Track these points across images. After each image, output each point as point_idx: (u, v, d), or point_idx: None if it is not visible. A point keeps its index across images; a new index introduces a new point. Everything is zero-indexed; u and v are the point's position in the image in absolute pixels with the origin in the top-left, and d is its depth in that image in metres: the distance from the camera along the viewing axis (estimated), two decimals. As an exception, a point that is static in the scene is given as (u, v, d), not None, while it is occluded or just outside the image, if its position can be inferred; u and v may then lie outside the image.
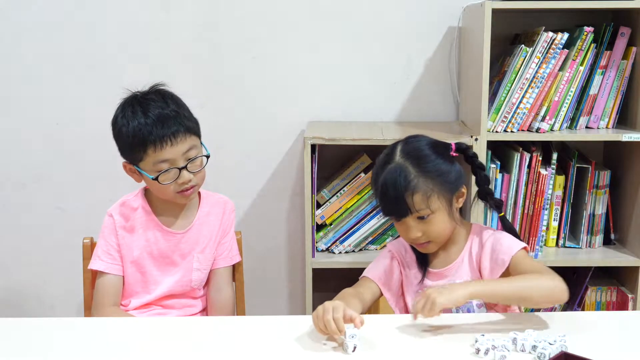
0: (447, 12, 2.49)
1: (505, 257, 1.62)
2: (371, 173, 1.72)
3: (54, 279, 2.69)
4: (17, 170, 2.62)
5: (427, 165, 1.61)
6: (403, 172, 1.59)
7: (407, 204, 1.58)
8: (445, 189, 1.62)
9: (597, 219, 2.34)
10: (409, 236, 1.64)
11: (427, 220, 1.61)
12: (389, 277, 1.74)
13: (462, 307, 1.64)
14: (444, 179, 1.62)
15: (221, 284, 1.93)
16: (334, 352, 1.40)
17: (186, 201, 1.85)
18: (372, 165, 2.36)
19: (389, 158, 1.64)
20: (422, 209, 1.59)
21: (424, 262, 1.72)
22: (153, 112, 1.75)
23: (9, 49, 2.54)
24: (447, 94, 2.57)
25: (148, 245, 1.86)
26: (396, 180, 1.58)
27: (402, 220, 1.62)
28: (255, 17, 2.52)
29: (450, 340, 1.44)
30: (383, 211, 1.67)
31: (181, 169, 1.75)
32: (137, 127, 1.73)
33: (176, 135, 1.74)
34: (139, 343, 1.48)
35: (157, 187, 1.79)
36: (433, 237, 1.64)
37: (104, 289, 1.84)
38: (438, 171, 1.61)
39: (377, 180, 1.64)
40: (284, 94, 2.57)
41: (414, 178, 1.58)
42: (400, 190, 1.57)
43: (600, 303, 2.39)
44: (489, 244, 1.67)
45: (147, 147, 1.73)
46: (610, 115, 2.29)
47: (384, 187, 1.60)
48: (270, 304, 2.70)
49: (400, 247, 1.77)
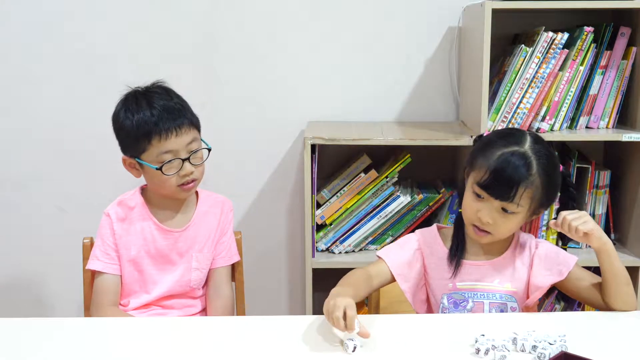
0: (447, 12, 2.49)
1: (564, 269, 1.63)
2: (477, 143, 1.66)
3: (54, 279, 2.69)
4: (17, 170, 2.62)
5: (549, 170, 1.58)
6: (530, 163, 1.55)
7: (516, 192, 1.54)
8: (544, 200, 1.60)
9: (597, 219, 2.34)
10: (482, 217, 1.58)
11: (508, 215, 1.58)
12: (410, 269, 1.69)
13: (496, 307, 1.63)
14: (550, 193, 1.61)
15: (220, 284, 1.93)
16: (334, 352, 1.40)
17: (186, 196, 1.85)
18: (372, 165, 2.37)
19: (518, 141, 1.58)
20: (521, 205, 1.56)
21: (459, 255, 1.67)
22: (158, 103, 1.77)
23: (9, 49, 2.54)
24: (447, 94, 2.57)
25: (145, 243, 1.86)
26: (520, 167, 1.54)
27: (487, 201, 1.57)
28: (255, 17, 2.52)
29: (450, 340, 1.44)
30: (481, 183, 1.57)
31: (184, 160, 1.77)
32: (142, 119, 1.75)
33: (181, 127, 1.76)
34: (139, 343, 1.48)
35: (158, 181, 1.79)
36: (500, 232, 1.60)
37: (102, 289, 1.84)
38: (553, 183, 1.60)
39: (495, 150, 1.57)
40: (284, 94, 2.57)
41: (535, 174, 1.56)
42: (520, 178, 1.54)
43: (600, 303, 2.39)
44: (543, 250, 1.68)
45: (152, 138, 1.74)
46: (610, 115, 2.29)
47: (505, 165, 1.54)
48: (270, 304, 2.70)
49: (429, 239, 1.72)
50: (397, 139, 2.24)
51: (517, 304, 1.65)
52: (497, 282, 1.66)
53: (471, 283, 1.66)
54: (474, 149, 1.65)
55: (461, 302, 1.65)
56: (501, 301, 1.64)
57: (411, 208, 2.36)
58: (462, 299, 1.65)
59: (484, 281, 1.66)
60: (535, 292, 1.64)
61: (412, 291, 1.70)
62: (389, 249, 1.73)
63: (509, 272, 1.67)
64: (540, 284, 1.64)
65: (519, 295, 1.66)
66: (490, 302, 1.64)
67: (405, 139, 2.24)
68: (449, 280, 1.67)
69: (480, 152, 1.61)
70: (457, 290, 1.66)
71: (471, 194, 1.60)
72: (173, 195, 1.83)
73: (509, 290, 1.65)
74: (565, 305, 2.38)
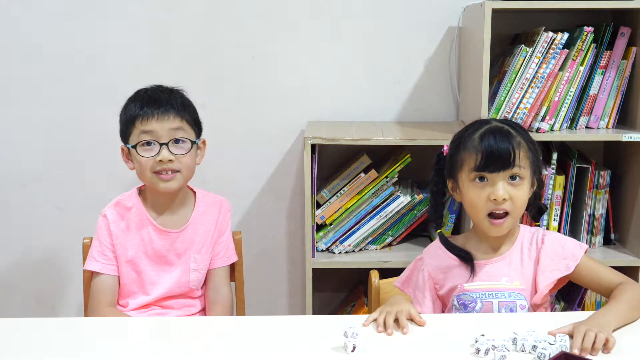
0: (447, 12, 2.49)
1: (570, 264, 1.63)
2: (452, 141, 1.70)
3: (54, 279, 2.69)
4: (17, 170, 2.62)
5: (524, 131, 1.66)
6: (507, 130, 1.62)
7: (515, 154, 1.57)
8: (537, 159, 1.65)
9: (597, 219, 2.34)
10: (496, 197, 1.57)
11: (517, 183, 1.59)
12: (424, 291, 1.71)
13: (505, 306, 1.62)
14: (536, 150, 1.65)
15: (219, 284, 1.93)
16: (334, 352, 1.40)
17: (165, 188, 1.81)
18: (372, 165, 2.37)
19: (485, 122, 1.66)
20: (523, 167, 1.59)
21: (469, 259, 1.67)
22: (155, 95, 1.82)
23: (9, 49, 2.54)
24: (447, 94, 2.57)
25: (143, 244, 1.86)
26: (503, 134, 1.60)
27: (492, 181, 1.58)
28: (255, 17, 2.52)
29: (450, 340, 1.44)
30: (479, 166, 1.58)
31: (162, 145, 1.77)
32: (136, 105, 1.80)
33: (166, 113, 1.79)
34: (138, 343, 1.48)
35: (137, 165, 1.80)
36: (517, 205, 1.60)
37: (100, 290, 1.85)
38: (532, 140, 1.66)
39: (472, 137, 1.61)
40: (284, 94, 2.57)
41: (517, 135, 1.61)
42: (510, 141, 1.58)
43: (600, 303, 2.39)
44: (549, 243, 1.66)
45: (136, 119, 1.78)
46: (610, 115, 2.29)
47: (490, 140, 1.58)
48: (270, 304, 2.70)
49: (433, 256, 1.72)
50: (397, 139, 2.24)
51: (526, 301, 1.63)
52: (505, 280, 1.64)
53: (478, 283, 1.65)
54: (448, 155, 1.69)
55: (470, 303, 1.64)
56: (510, 300, 1.62)
57: (411, 208, 2.36)
58: (470, 300, 1.64)
59: (491, 280, 1.65)
60: (541, 288, 1.62)
61: (429, 308, 1.70)
62: (400, 278, 1.77)
63: (517, 268, 1.65)
64: (546, 280, 1.62)
65: (528, 293, 1.64)
66: (500, 302, 1.62)
67: (405, 139, 2.24)
68: (460, 283, 1.67)
69: (457, 149, 1.65)
70: (465, 292, 1.65)
71: (473, 186, 1.61)
72: (151, 185, 1.83)
73: (518, 287, 1.63)
74: (565, 305, 2.38)
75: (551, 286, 1.63)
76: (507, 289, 1.64)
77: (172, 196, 1.87)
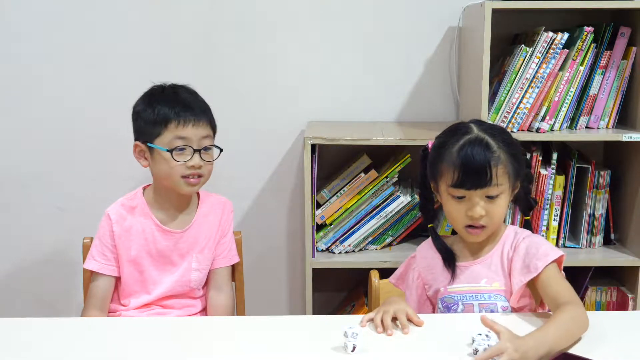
0: (447, 12, 2.49)
1: (540, 264, 1.56)
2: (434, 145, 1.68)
3: (54, 279, 2.69)
4: (17, 170, 2.62)
5: (506, 139, 1.62)
6: (488, 142, 1.59)
7: (491, 174, 1.56)
8: (517, 170, 1.63)
9: (597, 219, 2.34)
10: (474, 213, 1.58)
11: (494, 200, 1.59)
12: (412, 290, 1.73)
13: (486, 307, 1.61)
14: (518, 159, 1.63)
15: (220, 284, 1.93)
16: (334, 352, 1.40)
17: (189, 191, 1.84)
18: (372, 165, 2.37)
19: (465, 131, 1.62)
20: (501, 184, 1.58)
21: (451, 261, 1.67)
22: (183, 96, 1.83)
23: (9, 49, 2.54)
24: (447, 94, 2.57)
25: (146, 244, 1.86)
26: (482, 150, 1.57)
27: (469, 198, 1.58)
28: (255, 17, 2.52)
29: (449, 340, 1.44)
30: (456, 183, 1.58)
31: (195, 151, 1.79)
32: (165, 106, 1.80)
33: (199, 120, 1.81)
34: (138, 343, 1.48)
35: (165, 167, 1.80)
36: (494, 220, 1.60)
37: (91, 293, 1.86)
38: (515, 149, 1.63)
39: (451, 149, 1.59)
40: (284, 94, 2.57)
41: (497, 149, 1.59)
42: (487, 159, 1.56)
43: (600, 303, 2.39)
44: (524, 246, 1.62)
45: (170, 123, 1.78)
46: (610, 115, 2.29)
47: (467, 155, 1.57)
48: (270, 304, 2.70)
49: (424, 255, 1.74)
50: (397, 139, 2.24)
51: (508, 302, 1.61)
52: (484, 282, 1.63)
53: (459, 285, 1.65)
54: (430, 159, 1.67)
55: (452, 305, 1.64)
56: (490, 301, 1.61)
57: (411, 208, 2.37)
58: (452, 302, 1.64)
59: (472, 282, 1.65)
60: (515, 290, 1.59)
61: (418, 306, 1.71)
62: (394, 275, 1.79)
63: (497, 270, 1.64)
64: (518, 283, 1.59)
65: (509, 294, 1.62)
66: (480, 303, 1.61)
67: (405, 139, 2.24)
68: (444, 285, 1.68)
69: (437, 158, 1.63)
70: (449, 294, 1.66)
71: (451, 200, 1.62)
72: (176, 187, 1.82)
73: (497, 289, 1.62)
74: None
75: (521, 291, 1.59)
76: (486, 291, 1.62)
77: (182, 198, 1.88)
